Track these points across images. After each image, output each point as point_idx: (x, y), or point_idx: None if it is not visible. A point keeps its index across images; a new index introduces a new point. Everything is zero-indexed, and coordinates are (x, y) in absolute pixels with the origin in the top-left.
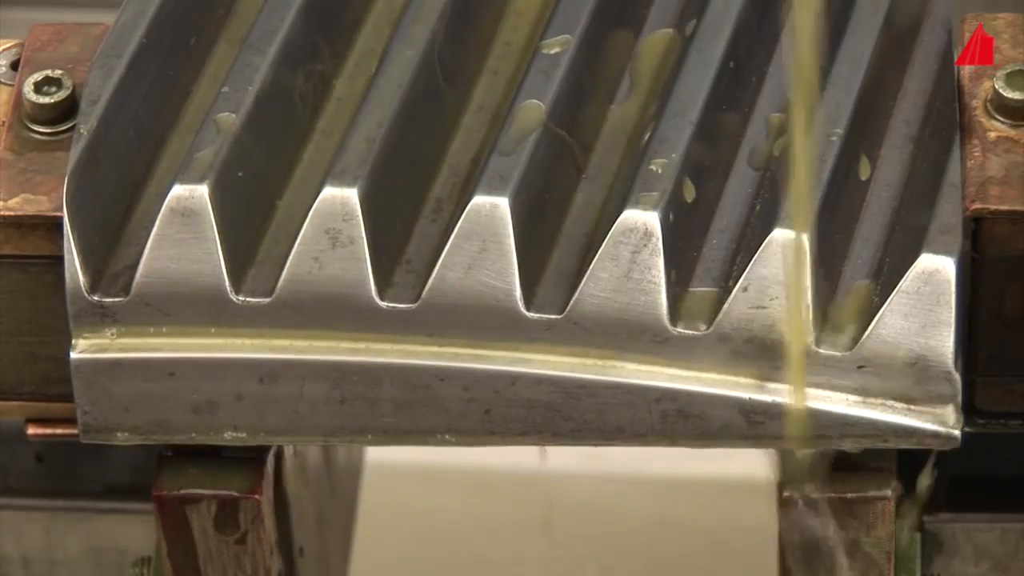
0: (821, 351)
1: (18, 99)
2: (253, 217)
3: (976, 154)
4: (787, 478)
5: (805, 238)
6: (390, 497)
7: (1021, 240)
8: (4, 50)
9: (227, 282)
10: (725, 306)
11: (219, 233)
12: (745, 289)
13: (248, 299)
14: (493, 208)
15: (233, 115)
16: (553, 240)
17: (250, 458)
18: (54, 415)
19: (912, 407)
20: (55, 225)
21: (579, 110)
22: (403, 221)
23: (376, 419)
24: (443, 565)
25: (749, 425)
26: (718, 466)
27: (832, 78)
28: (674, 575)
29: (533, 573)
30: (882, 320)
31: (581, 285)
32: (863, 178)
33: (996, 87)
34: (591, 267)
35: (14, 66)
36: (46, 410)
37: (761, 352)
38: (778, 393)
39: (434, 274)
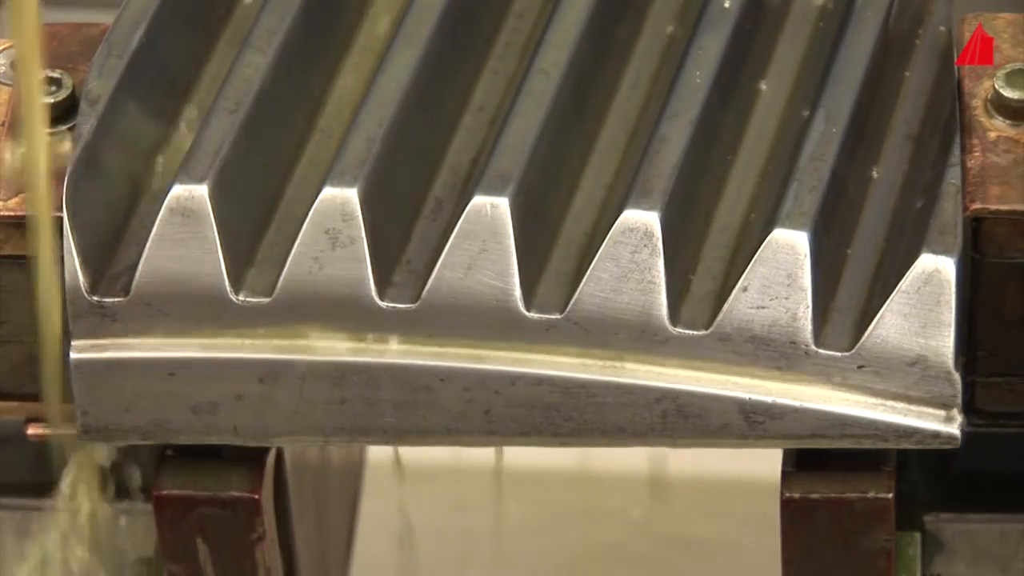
0: (821, 351)
1: (18, 99)
2: (253, 217)
3: (976, 154)
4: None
5: (804, 237)
6: (390, 497)
7: (1021, 240)
8: (4, 50)
9: (227, 282)
10: (725, 306)
11: (219, 233)
12: (745, 289)
13: (248, 299)
14: (493, 208)
15: (233, 115)
16: (553, 240)
17: (250, 458)
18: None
19: (912, 407)
20: (55, 225)
21: (579, 110)
22: (403, 221)
23: (376, 419)
24: (443, 565)
25: (749, 425)
26: (719, 466)
27: (832, 78)
28: (674, 575)
29: (533, 573)
30: (882, 320)
31: (581, 285)
32: (863, 177)
33: (996, 87)
34: (591, 267)
35: (14, 66)
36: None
37: (761, 352)
38: (778, 393)
39: (434, 274)
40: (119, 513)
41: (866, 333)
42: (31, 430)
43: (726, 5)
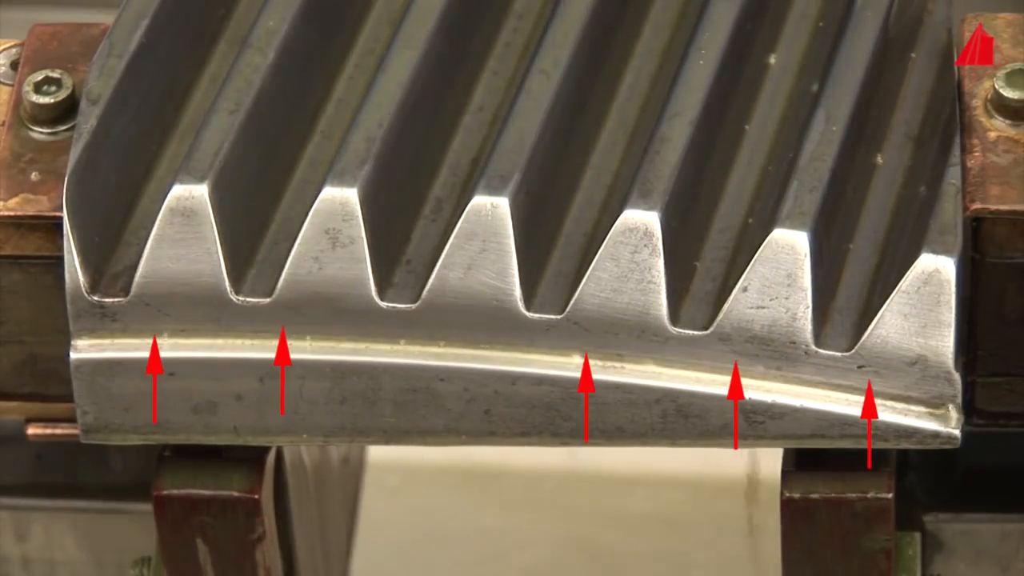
0: (821, 351)
1: (18, 99)
2: (253, 217)
3: (976, 154)
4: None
5: (804, 237)
6: (390, 497)
7: (1021, 240)
8: (4, 50)
9: (227, 282)
10: (725, 306)
11: (219, 233)
12: (745, 289)
13: (248, 299)
14: (493, 208)
15: (233, 115)
16: (553, 240)
17: (250, 458)
18: (54, 415)
19: (912, 407)
20: (55, 225)
21: (579, 110)
22: (403, 221)
23: (376, 419)
24: (443, 565)
25: (749, 425)
26: (718, 466)
27: (832, 78)
28: (673, 575)
29: (533, 573)
30: (882, 320)
31: (581, 285)
32: (863, 177)
33: (996, 87)
34: (591, 267)
35: (14, 66)
36: (46, 410)
37: (761, 352)
38: (778, 393)
39: (434, 274)
40: (119, 513)
41: (866, 333)
42: (31, 430)
43: (727, 4)
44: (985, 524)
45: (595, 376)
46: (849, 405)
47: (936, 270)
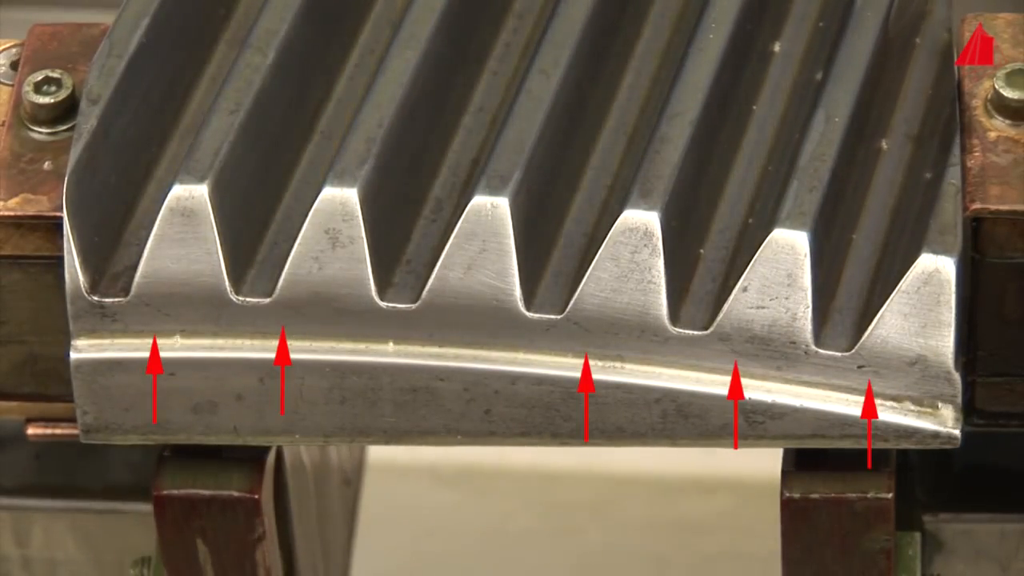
0: (821, 351)
1: (18, 99)
2: (253, 217)
3: (976, 154)
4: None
5: (804, 237)
6: (390, 497)
7: (1021, 240)
8: (4, 50)
9: (227, 282)
10: (725, 306)
11: (219, 233)
12: (745, 289)
13: (248, 299)
14: (493, 208)
15: (233, 115)
16: (553, 240)
17: (250, 458)
18: (54, 415)
19: (912, 407)
20: (55, 225)
21: (579, 110)
22: (403, 221)
23: (376, 419)
24: (443, 565)
25: (749, 425)
26: (719, 466)
27: (832, 77)
28: (673, 574)
29: (533, 573)
30: (882, 320)
31: (581, 285)
32: (863, 177)
33: (996, 87)
34: (591, 267)
35: (14, 66)
36: (46, 410)
37: (761, 352)
38: (778, 393)
39: (434, 274)
40: (119, 513)
41: (866, 333)
42: (31, 430)
43: (727, 4)
44: (985, 524)
45: (595, 376)
46: (849, 405)
47: (936, 270)
